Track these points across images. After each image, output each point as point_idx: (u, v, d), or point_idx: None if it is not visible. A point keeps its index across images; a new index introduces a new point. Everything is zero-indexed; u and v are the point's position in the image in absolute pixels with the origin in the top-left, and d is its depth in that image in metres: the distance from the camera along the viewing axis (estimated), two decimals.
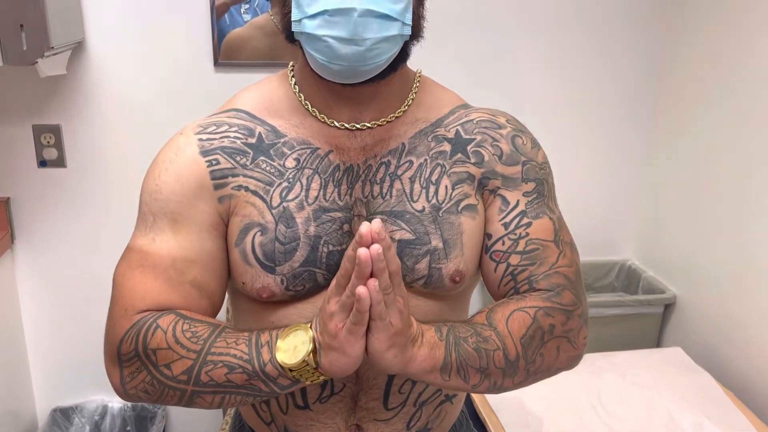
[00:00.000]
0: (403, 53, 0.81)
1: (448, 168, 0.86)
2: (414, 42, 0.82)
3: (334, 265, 0.83)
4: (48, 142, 1.79)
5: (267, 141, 0.85)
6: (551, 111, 2.02)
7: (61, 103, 1.78)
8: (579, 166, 2.08)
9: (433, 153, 0.86)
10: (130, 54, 1.77)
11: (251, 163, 0.84)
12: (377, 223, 0.70)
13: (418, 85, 0.90)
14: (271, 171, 0.84)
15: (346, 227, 0.84)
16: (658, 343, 2.04)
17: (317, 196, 0.83)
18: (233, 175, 0.83)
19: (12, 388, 1.87)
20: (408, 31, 0.78)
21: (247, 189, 0.83)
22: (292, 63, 0.91)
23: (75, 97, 1.78)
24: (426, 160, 0.86)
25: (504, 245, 0.85)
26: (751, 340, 1.68)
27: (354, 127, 0.85)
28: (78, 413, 1.98)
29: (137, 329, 0.78)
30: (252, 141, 0.85)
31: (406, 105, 0.88)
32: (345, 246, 0.83)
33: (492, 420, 1.52)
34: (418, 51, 0.84)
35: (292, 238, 0.82)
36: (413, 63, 0.87)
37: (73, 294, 1.91)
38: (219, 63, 1.81)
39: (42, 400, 2.00)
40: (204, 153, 0.84)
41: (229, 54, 1.80)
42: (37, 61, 1.44)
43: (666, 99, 2.01)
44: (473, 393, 1.19)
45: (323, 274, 0.83)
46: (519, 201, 0.86)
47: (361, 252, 0.69)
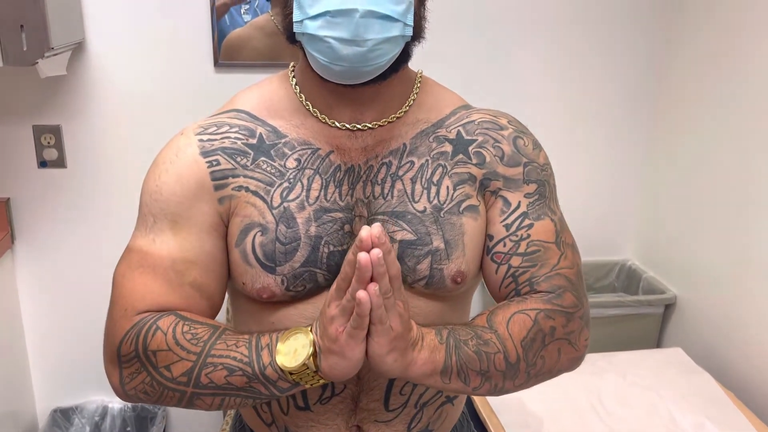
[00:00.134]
0: (405, 54, 0.81)
1: (449, 169, 0.86)
2: (415, 43, 0.82)
3: (334, 266, 0.82)
4: (48, 142, 1.78)
5: (268, 141, 0.85)
6: (551, 111, 2.01)
7: (62, 104, 1.77)
8: (579, 166, 2.08)
9: (435, 154, 0.86)
10: (130, 54, 1.77)
11: (252, 164, 0.84)
12: (377, 228, 0.70)
13: (419, 86, 0.90)
14: (272, 171, 0.84)
15: (347, 228, 0.84)
16: (658, 344, 2.04)
17: (318, 196, 0.83)
18: (234, 176, 0.83)
19: (12, 388, 1.87)
20: (409, 32, 0.78)
21: (248, 189, 0.83)
22: (293, 63, 0.91)
23: (75, 98, 1.78)
24: (427, 160, 0.86)
25: (505, 247, 0.85)
26: (752, 340, 1.68)
27: (355, 128, 0.85)
28: (78, 414, 1.98)
29: (137, 330, 0.78)
30: (253, 141, 0.85)
31: (407, 106, 0.88)
32: (346, 246, 0.83)
33: (492, 420, 1.52)
34: (417, 51, 0.84)
35: (292, 238, 0.82)
36: (413, 63, 0.87)
37: (74, 294, 1.91)
38: (219, 63, 1.81)
39: (42, 400, 2.00)
40: (204, 154, 0.84)
41: (230, 54, 1.80)
42: (38, 62, 1.44)
43: (666, 99, 2.01)
44: (474, 395, 1.18)
45: (324, 274, 0.83)
46: (520, 202, 0.86)
47: (361, 256, 0.69)
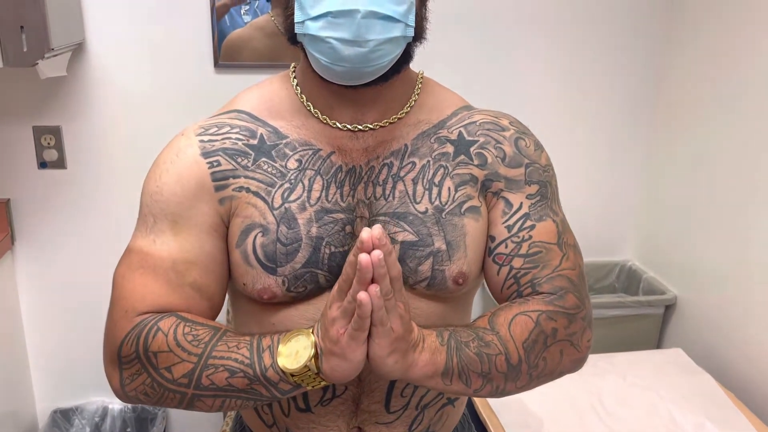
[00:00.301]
0: (406, 55, 0.81)
1: (450, 170, 0.86)
2: (417, 43, 0.81)
3: (336, 267, 0.82)
4: (48, 143, 1.78)
5: (269, 142, 0.85)
6: (551, 112, 2.01)
7: (62, 105, 1.77)
8: (579, 167, 2.08)
9: (436, 154, 0.86)
10: (130, 55, 1.77)
11: (252, 165, 0.84)
12: (378, 229, 0.69)
13: (420, 87, 0.90)
14: (273, 172, 0.83)
15: (348, 229, 0.83)
16: (658, 344, 2.04)
17: (319, 197, 0.83)
18: (234, 177, 0.83)
19: (12, 389, 1.87)
20: (411, 33, 0.78)
21: (249, 190, 0.83)
22: (293, 64, 0.91)
23: (75, 99, 1.78)
24: (429, 161, 0.86)
25: (507, 248, 0.85)
26: (752, 340, 1.68)
27: (356, 129, 0.85)
28: (78, 414, 1.98)
29: (138, 331, 0.78)
30: (253, 142, 0.85)
31: (408, 106, 0.88)
32: (347, 247, 0.83)
33: (492, 421, 1.52)
34: (418, 52, 0.84)
35: (293, 239, 0.82)
36: (414, 64, 0.86)
37: (74, 295, 1.91)
38: (219, 64, 1.80)
39: (42, 401, 2.00)
40: (205, 154, 0.84)
41: (230, 55, 1.80)
42: (38, 63, 1.44)
43: (666, 99, 2.01)
44: (475, 397, 1.18)
45: (325, 275, 0.83)
46: (522, 203, 0.86)
47: (362, 258, 0.68)
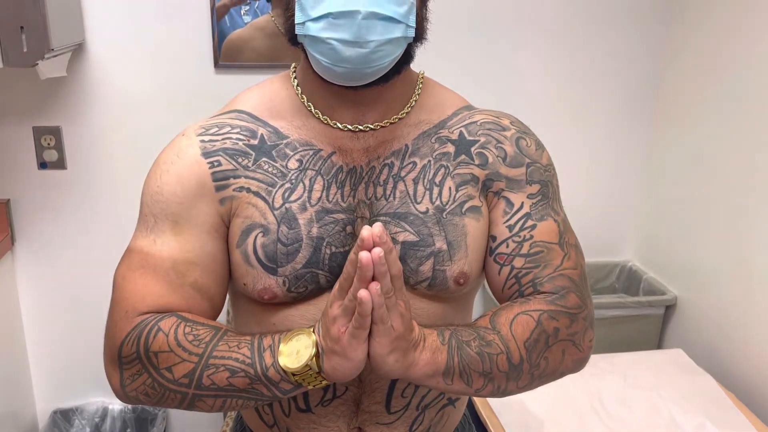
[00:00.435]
0: (407, 55, 0.81)
1: (451, 169, 0.86)
2: (417, 44, 0.81)
3: (336, 267, 0.82)
4: (48, 143, 1.78)
5: (269, 142, 0.85)
6: (551, 112, 2.01)
7: (62, 105, 1.77)
8: (579, 167, 2.08)
9: (437, 154, 0.86)
10: (130, 56, 1.77)
11: (253, 165, 0.84)
12: (378, 227, 0.69)
13: (421, 87, 0.90)
14: (274, 172, 0.83)
15: (349, 229, 0.83)
16: (659, 345, 2.04)
17: (320, 197, 0.83)
18: (235, 177, 0.83)
19: (12, 389, 1.87)
20: (412, 34, 0.78)
21: (249, 190, 0.83)
22: (294, 64, 0.91)
23: (75, 99, 1.77)
24: (429, 161, 0.86)
25: (508, 248, 0.85)
26: (752, 341, 1.68)
27: (357, 129, 0.85)
28: (78, 415, 1.98)
29: (138, 332, 0.78)
30: (254, 142, 0.85)
31: (409, 107, 0.88)
32: (348, 248, 0.83)
33: (492, 421, 1.52)
34: (418, 52, 0.84)
35: (294, 239, 0.82)
36: (414, 64, 0.86)
37: (74, 295, 1.91)
38: (219, 64, 1.80)
39: (42, 401, 2.00)
40: (206, 154, 0.84)
41: (230, 55, 1.80)
42: (38, 63, 1.44)
43: (666, 99, 2.01)
44: (477, 397, 1.18)
45: (326, 275, 0.83)
46: (523, 203, 0.86)
47: (363, 255, 0.68)
